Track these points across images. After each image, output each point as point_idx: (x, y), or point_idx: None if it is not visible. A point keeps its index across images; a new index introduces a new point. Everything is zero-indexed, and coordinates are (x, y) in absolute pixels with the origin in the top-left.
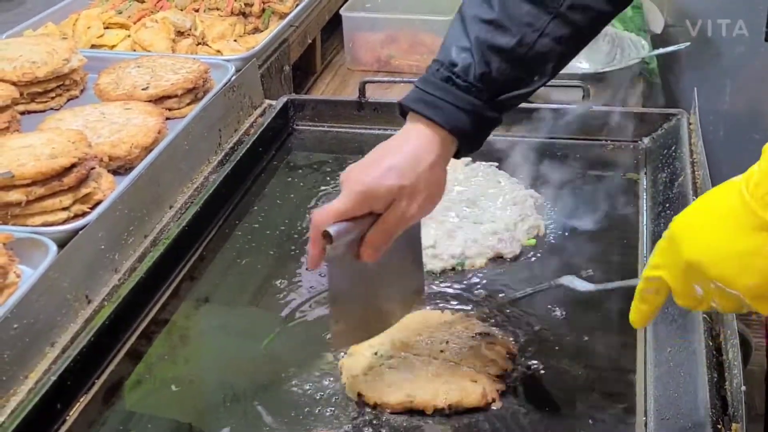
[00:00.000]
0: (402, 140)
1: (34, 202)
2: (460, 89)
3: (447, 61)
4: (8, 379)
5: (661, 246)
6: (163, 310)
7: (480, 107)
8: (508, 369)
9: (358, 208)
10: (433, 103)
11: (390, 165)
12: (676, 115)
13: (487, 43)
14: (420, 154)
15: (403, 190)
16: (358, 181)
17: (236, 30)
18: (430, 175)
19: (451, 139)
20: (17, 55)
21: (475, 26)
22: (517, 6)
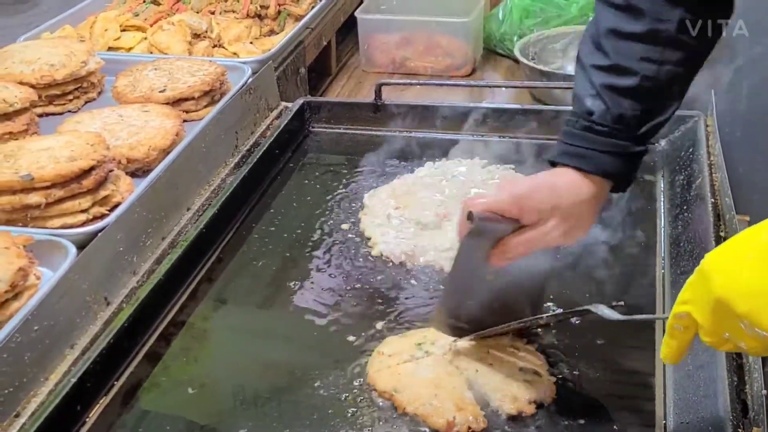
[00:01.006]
0: (560, 173)
1: (53, 205)
2: (601, 135)
3: (582, 112)
4: (29, 381)
5: (691, 281)
6: (181, 312)
7: (625, 146)
8: (526, 412)
9: (511, 208)
10: (579, 153)
11: (552, 185)
12: (693, 117)
13: (613, 87)
14: (578, 187)
15: (556, 209)
16: (519, 185)
17: (252, 32)
18: (584, 207)
19: (603, 183)
20: (35, 58)
21: (596, 75)
22: (628, 47)
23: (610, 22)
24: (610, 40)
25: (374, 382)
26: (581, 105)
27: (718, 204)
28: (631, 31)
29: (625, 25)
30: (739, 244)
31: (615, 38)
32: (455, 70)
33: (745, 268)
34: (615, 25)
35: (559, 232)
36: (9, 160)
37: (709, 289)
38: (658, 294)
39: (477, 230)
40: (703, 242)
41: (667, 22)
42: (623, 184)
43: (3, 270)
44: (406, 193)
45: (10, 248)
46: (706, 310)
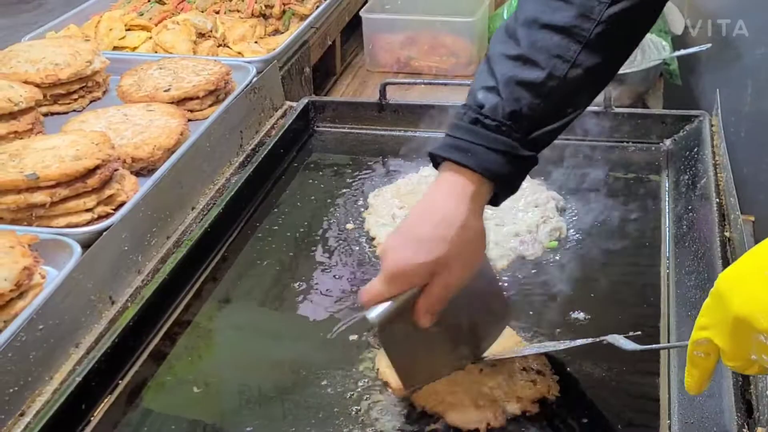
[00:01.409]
0: (430, 201)
1: (58, 204)
2: (489, 129)
3: (474, 104)
4: (34, 380)
5: (707, 305)
6: (186, 311)
7: (512, 146)
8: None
9: (398, 287)
10: (462, 147)
11: (419, 239)
12: (698, 117)
13: (515, 79)
14: (450, 216)
15: (437, 264)
16: (393, 261)
17: (257, 32)
18: (463, 236)
19: (484, 184)
20: (40, 57)
21: (501, 64)
22: (544, 39)
23: (532, 11)
24: (526, 28)
25: (386, 377)
26: (473, 97)
27: (723, 204)
28: (551, 21)
29: (546, 15)
30: (752, 262)
31: (532, 27)
32: (460, 70)
33: (764, 283)
34: (536, 13)
35: (456, 275)
36: (14, 160)
37: (727, 310)
38: (662, 294)
39: (383, 324)
40: (708, 242)
41: (593, 22)
42: (503, 191)
43: (8, 269)
44: (411, 193)
45: (15, 247)
46: (725, 332)
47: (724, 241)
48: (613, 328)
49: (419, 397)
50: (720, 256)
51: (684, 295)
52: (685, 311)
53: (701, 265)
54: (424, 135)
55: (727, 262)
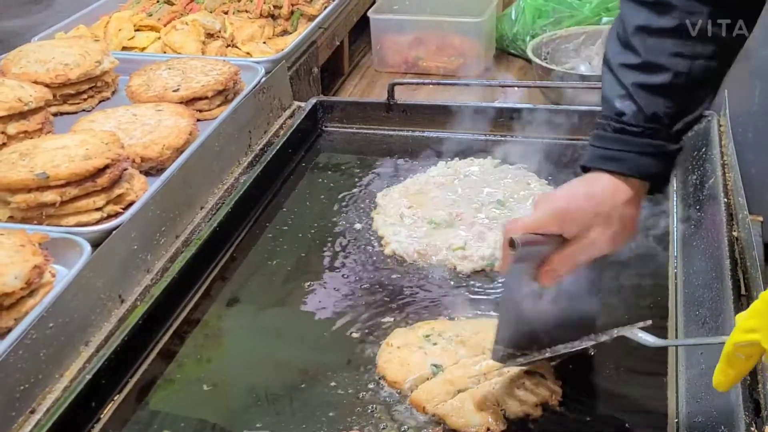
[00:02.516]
0: (596, 178)
1: (68, 203)
2: (636, 136)
3: (613, 114)
4: (44, 378)
5: (758, 309)
6: (195, 310)
7: (660, 146)
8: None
9: (551, 224)
10: (613, 157)
11: (589, 192)
12: (706, 117)
13: (645, 85)
14: (615, 191)
15: (598, 217)
16: (554, 199)
17: (265, 32)
18: (625, 209)
19: (640, 183)
20: (50, 57)
21: (626, 74)
22: (658, 44)
23: (639, 19)
24: (638, 37)
25: (384, 372)
26: (611, 106)
27: (731, 204)
28: (660, 26)
29: (654, 21)
30: None
31: (644, 35)
32: (467, 70)
33: None
34: (644, 21)
35: (603, 240)
36: (24, 159)
37: None
38: (670, 294)
39: (521, 255)
40: (716, 242)
41: (697, 15)
42: (661, 184)
43: (19, 267)
44: (419, 193)
45: (26, 246)
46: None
47: (732, 240)
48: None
49: (421, 399)
50: (728, 255)
51: (692, 294)
52: (693, 310)
53: (709, 265)
54: (432, 135)
55: (735, 261)
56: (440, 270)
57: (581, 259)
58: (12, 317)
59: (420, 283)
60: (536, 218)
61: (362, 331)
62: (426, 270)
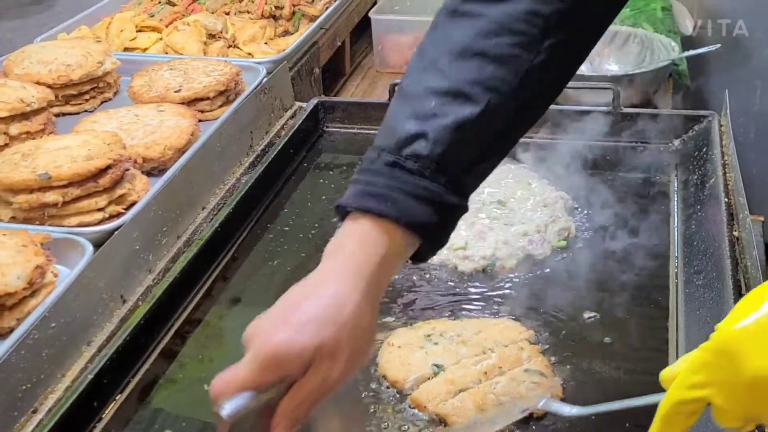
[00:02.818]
0: (321, 273)
1: (70, 203)
2: (412, 173)
3: (390, 145)
4: (46, 377)
5: (705, 361)
6: (197, 310)
7: (439, 193)
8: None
9: (267, 375)
10: (377, 193)
11: (304, 318)
12: (706, 117)
13: (446, 116)
14: (343, 294)
15: (322, 349)
16: (266, 342)
17: (267, 33)
18: (357, 323)
19: (401, 239)
20: (52, 58)
21: (424, 99)
22: (475, 70)
23: (459, 37)
24: (453, 57)
25: (384, 371)
26: (389, 138)
27: (732, 204)
28: (485, 50)
29: (479, 42)
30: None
31: (461, 56)
32: None
33: None
34: (465, 40)
35: (339, 370)
36: (26, 160)
37: (741, 370)
38: (671, 294)
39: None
40: (716, 241)
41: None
42: (430, 245)
43: (21, 268)
44: None
45: (28, 246)
46: (734, 392)
47: (732, 240)
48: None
49: (422, 399)
50: (729, 255)
51: (693, 294)
52: (694, 310)
53: (710, 265)
54: None
55: (735, 261)
56: (441, 270)
57: (317, 399)
58: (14, 317)
59: (421, 283)
60: (247, 373)
61: None
62: (427, 270)
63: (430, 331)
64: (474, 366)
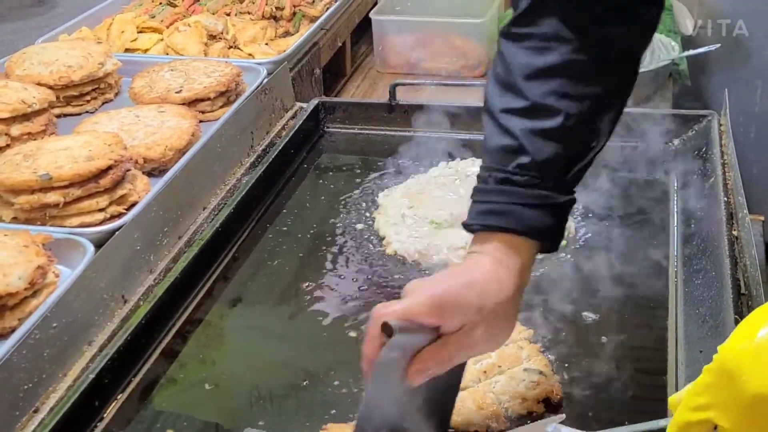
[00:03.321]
0: (476, 263)
1: (71, 204)
2: (522, 186)
3: (497, 165)
4: (47, 377)
5: (708, 382)
6: (198, 310)
7: (551, 197)
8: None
9: (428, 315)
10: (498, 210)
11: (472, 281)
12: (706, 117)
13: (534, 130)
14: (502, 279)
15: (480, 312)
16: (436, 287)
17: (267, 33)
18: (508, 306)
19: (529, 245)
20: (53, 59)
21: (512, 120)
22: (545, 83)
23: (521, 58)
24: (524, 78)
25: None
26: (494, 157)
27: (731, 203)
28: (546, 65)
29: (539, 60)
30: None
31: (530, 76)
32: (470, 71)
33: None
34: (528, 60)
35: (486, 338)
36: (28, 160)
37: (742, 389)
38: (670, 292)
39: (395, 345)
40: (716, 241)
41: (584, 53)
42: (552, 242)
43: (22, 268)
44: (420, 193)
45: (29, 246)
46: (738, 412)
47: (731, 239)
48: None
49: None
50: (728, 254)
51: (692, 293)
52: (693, 309)
53: (709, 264)
54: (433, 135)
55: (734, 260)
56: (441, 270)
57: (458, 359)
58: (16, 317)
59: None
60: (412, 305)
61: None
62: (427, 270)
63: None
64: (473, 365)
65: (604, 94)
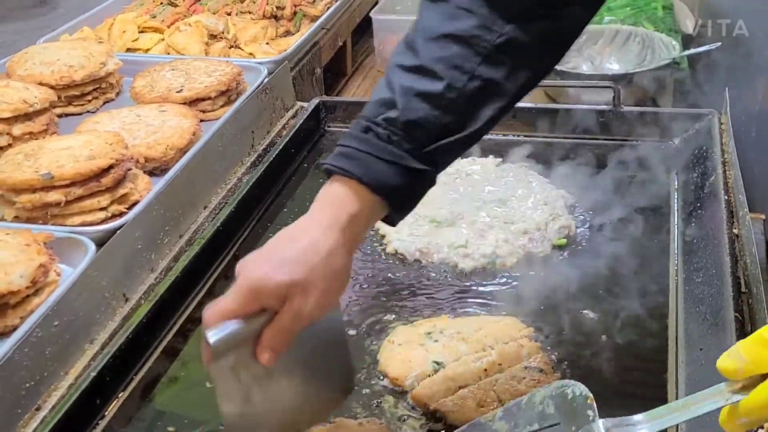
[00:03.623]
0: (303, 223)
1: (73, 203)
2: (380, 138)
3: (368, 114)
4: (49, 375)
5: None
6: (199, 308)
7: (405, 158)
8: None
9: (248, 305)
10: (350, 155)
11: (282, 258)
12: (707, 115)
13: (413, 90)
14: (319, 241)
15: (294, 286)
16: (247, 276)
17: (268, 33)
18: (328, 266)
19: (370, 199)
20: (55, 59)
21: (398, 75)
22: (443, 48)
23: (430, 20)
24: (424, 38)
25: (385, 369)
26: (369, 108)
27: (732, 201)
28: (451, 31)
29: (446, 25)
30: None
31: (431, 37)
32: None
33: None
34: (435, 23)
35: (311, 305)
36: (29, 160)
37: None
38: (671, 290)
39: (221, 349)
40: (716, 239)
41: (495, 34)
42: (396, 208)
43: (24, 266)
44: None
45: (31, 245)
46: None
47: (732, 238)
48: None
49: (422, 396)
50: (728, 252)
51: (692, 291)
52: (693, 307)
53: (709, 262)
54: None
55: (735, 259)
56: (442, 268)
57: (293, 330)
58: (17, 315)
59: (421, 281)
60: (232, 302)
61: (364, 329)
62: (427, 268)
63: (431, 329)
64: (474, 363)
65: (498, 81)
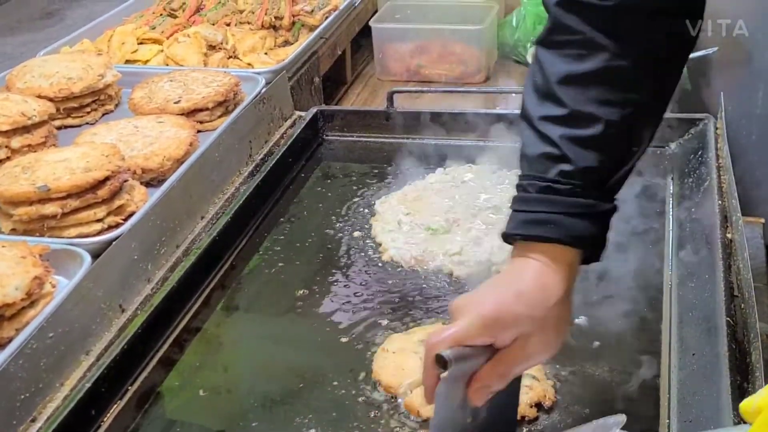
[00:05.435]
0: (520, 271)
1: (69, 215)
2: (565, 195)
3: (537, 173)
4: (45, 386)
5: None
6: (195, 319)
7: (594, 205)
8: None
9: (481, 335)
10: (541, 220)
11: (518, 291)
12: (702, 120)
13: (576, 138)
14: (548, 285)
15: (533, 321)
16: (485, 305)
17: (267, 43)
18: (560, 310)
19: (572, 254)
20: (54, 72)
21: (552, 127)
22: (585, 90)
23: (557, 66)
24: (562, 85)
25: (379, 377)
26: (532, 165)
27: (725, 206)
28: (584, 71)
29: (576, 67)
30: None
31: (568, 83)
32: (469, 78)
33: None
34: (566, 67)
35: (540, 347)
36: (26, 172)
37: None
38: (665, 296)
39: (453, 375)
40: (709, 244)
41: (627, 59)
42: (595, 251)
43: (20, 278)
44: (417, 199)
45: (27, 257)
46: None
47: (725, 242)
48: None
49: (415, 404)
50: (721, 257)
51: (685, 296)
52: (687, 311)
53: (703, 266)
54: (431, 142)
55: (728, 263)
56: (437, 275)
57: (517, 371)
58: (13, 327)
59: (417, 288)
60: (464, 328)
61: (359, 337)
62: (423, 275)
63: (425, 337)
64: None
65: (644, 100)
